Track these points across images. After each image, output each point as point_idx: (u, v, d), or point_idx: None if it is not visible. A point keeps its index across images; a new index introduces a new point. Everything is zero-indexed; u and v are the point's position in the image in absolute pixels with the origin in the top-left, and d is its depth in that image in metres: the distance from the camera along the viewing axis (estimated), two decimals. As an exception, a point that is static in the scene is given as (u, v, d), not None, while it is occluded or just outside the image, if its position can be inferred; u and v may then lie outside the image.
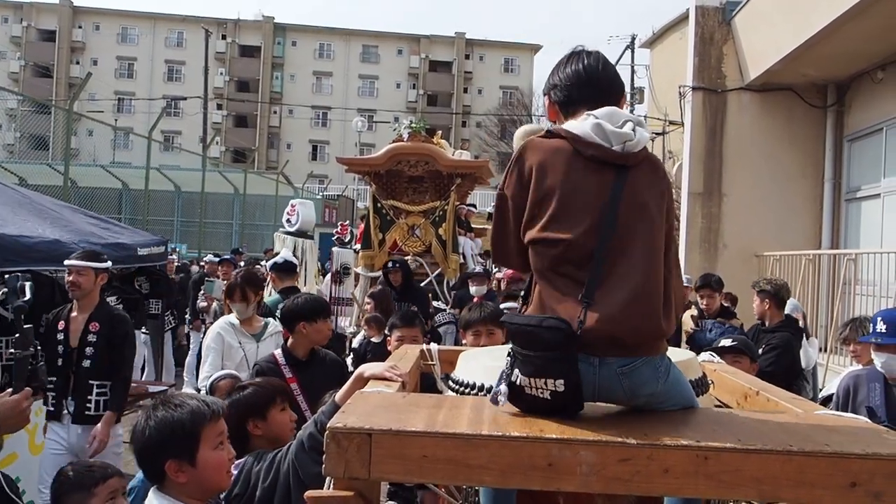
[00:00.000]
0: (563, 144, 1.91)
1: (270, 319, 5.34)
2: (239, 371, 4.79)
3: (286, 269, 6.51)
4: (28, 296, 2.82)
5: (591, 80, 2.02)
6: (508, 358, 1.85)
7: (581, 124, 1.91)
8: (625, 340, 1.79)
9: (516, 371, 1.80)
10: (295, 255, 8.31)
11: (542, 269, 1.90)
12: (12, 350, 2.68)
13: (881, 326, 3.70)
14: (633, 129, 1.89)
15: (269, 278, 7.47)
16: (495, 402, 1.82)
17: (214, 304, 8.48)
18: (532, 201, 1.90)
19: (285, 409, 3.06)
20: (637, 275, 1.83)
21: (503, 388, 1.81)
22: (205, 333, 6.15)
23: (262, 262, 11.89)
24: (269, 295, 6.94)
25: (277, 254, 8.55)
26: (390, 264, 8.58)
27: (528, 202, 1.92)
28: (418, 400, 1.98)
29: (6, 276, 3.02)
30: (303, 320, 4.13)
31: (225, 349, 4.91)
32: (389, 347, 3.75)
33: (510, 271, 9.17)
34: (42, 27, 58.51)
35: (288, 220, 8.77)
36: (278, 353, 4.29)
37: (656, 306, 1.84)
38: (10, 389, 2.64)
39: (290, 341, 4.27)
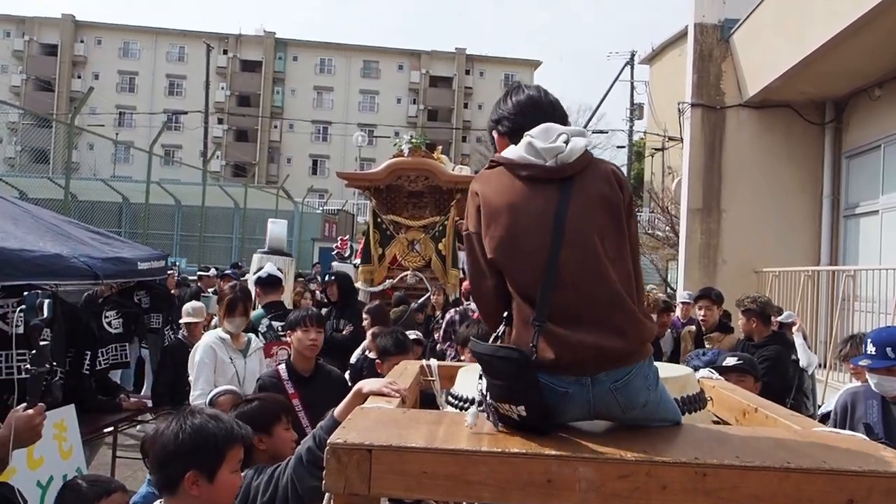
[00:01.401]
0: (501, 171, 1.94)
1: (252, 335, 5.32)
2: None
3: (270, 284, 6.50)
4: (46, 314, 2.84)
5: (533, 106, 2.05)
6: (480, 381, 1.87)
7: (516, 148, 1.93)
8: (607, 353, 1.79)
9: (488, 395, 1.83)
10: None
11: (512, 293, 1.89)
12: (28, 366, 2.70)
13: (871, 349, 3.67)
14: (567, 141, 1.88)
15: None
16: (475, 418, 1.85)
17: (214, 321, 8.48)
18: (485, 230, 1.91)
19: (289, 428, 3.08)
20: (602, 285, 1.82)
21: (472, 410, 1.85)
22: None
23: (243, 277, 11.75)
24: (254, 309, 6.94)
25: (250, 270, 8.63)
26: (327, 277, 8.39)
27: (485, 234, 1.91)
28: (418, 416, 1.99)
29: (24, 292, 3.03)
30: (290, 330, 4.26)
31: (218, 364, 4.85)
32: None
33: (468, 284, 9.13)
34: (44, 41, 58.78)
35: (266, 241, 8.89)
36: (282, 368, 4.30)
37: (629, 311, 1.83)
38: (24, 404, 2.65)
39: (292, 356, 4.29)
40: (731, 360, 4.13)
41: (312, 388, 4.14)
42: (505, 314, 1.91)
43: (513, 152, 1.93)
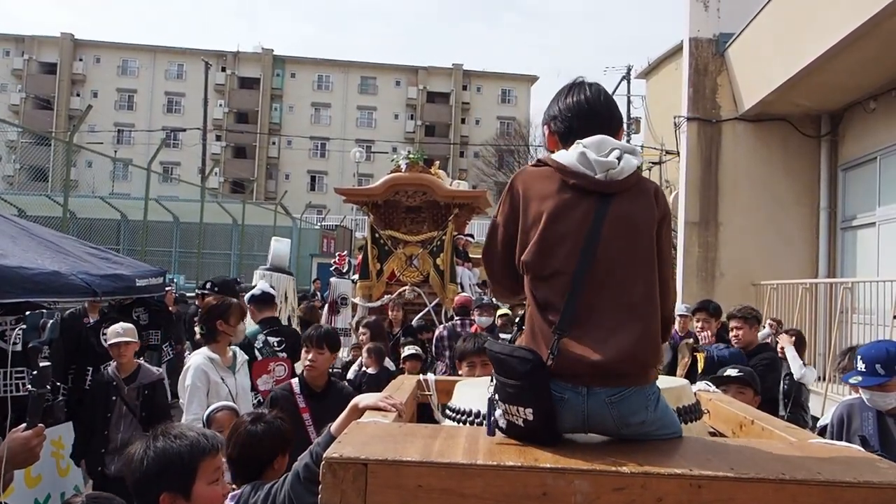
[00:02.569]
0: (550, 173, 1.95)
1: (236, 348, 5.26)
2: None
3: (264, 301, 6.48)
4: (47, 335, 2.83)
5: (591, 112, 2.04)
6: (492, 383, 1.89)
7: (568, 154, 1.94)
8: (607, 370, 1.80)
9: (497, 396, 1.85)
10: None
11: (531, 296, 1.93)
12: (29, 387, 2.69)
13: (861, 365, 3.65)
14: (619, 157, 1.91)
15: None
16: (492, 431, 1.85)
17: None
18: (522, 229, 1.94)
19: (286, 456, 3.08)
20: (621, 305, 1.84)
21: (497, 412, 1.85)
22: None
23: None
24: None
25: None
26: (207, 286, 7.87)
27: (518, 230, 1.95)
28: (414, 430, 1.99)
29: (27, 312, 3.03)
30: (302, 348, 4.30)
31: (211, 386, 4.74)
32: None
33: (459, 298, 9.19)
34: (43, 60, 58.96)
35: (268, 259, 8.85)
36: (295, 382, 4.31)
37: (642, 336, 1.84)
38: (24, 425, 2.65)
39: (305, 372, 4.28)
40: (732, 372, 4.12)
41: (324, 404, 4.12)
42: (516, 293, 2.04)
43: (564, 157, 1.94)
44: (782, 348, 6.43)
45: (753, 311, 5.98)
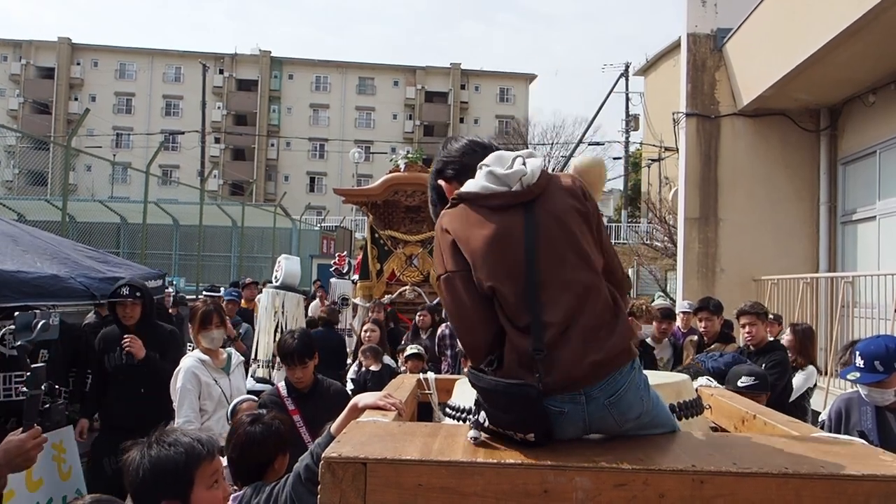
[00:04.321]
0: (464, 207, 1.92)
1: (231, 349, 5.25)
2: (219, 408, 4.72)
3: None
4: (36, 335, 2.82)
5: (476, 145, 2.10)
6: (475, 406, 1.86)
7: (476, 181, 1.93)
8: (596, 367, 1.79)
9: (485, 417, 1.82)
10: (276, 310, 8.26)
11: (504, 323, 1.86)
12: (24, 389, 2.67)
13: (859, 361, 3.61)
14: (524, 163, 1.90)
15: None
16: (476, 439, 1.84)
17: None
18: (477, 269, 1.86)
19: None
20: (581, 304, 1.81)
21: (472, 432, 1.82)
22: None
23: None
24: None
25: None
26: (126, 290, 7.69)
27: (470, 268, 1.88)
28: (414, 428, 1.98)
29: (16, 312, 3.01)
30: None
31: (203, 388, 4.74)
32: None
33: None
34: (41, 64, 58.97)
35: (275, 277, 8.79)
36: (281, 385, 4.30)
37: (607, 323, 1.83)
38: (20, 429, 2.63)
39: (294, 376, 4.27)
40: (746, 381, 4.06)
41: (312, 404, 4.13)
42: (493, 349, 1.86)
43: (473, 185, 1.93)
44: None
45: (764, 308, 5.96)
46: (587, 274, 1.85)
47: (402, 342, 8.57)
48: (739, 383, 4.02)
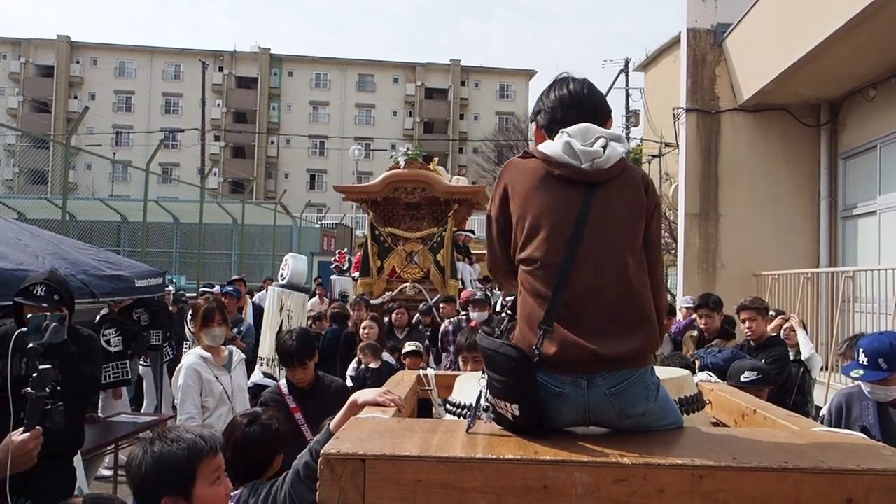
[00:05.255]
0: (536, 164, 1.94)
1: (232, 347, 5.25)
2: (220, 405, 4.73)
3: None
4: (46, 338, 2.82)
5: (575, 103, 2.03)
6: (484, 375, 1.89)
7: (553, 144, 1.93)
8: (606, 358, 1.79)
9: (488, 390, 1.84)
10: (283, 309, 8.24)
11: (522, 288, 1.92)
12: (29, 390, 2.68)
13: (862, 358, 3.59)
14: (605, 146, 1.89)
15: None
16: (469, 427, 1.85)
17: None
18: (512, 222, 1.95)
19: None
20: (610, 292, 1.83)
21: (483, 404, 1.85)
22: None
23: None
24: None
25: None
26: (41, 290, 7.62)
27: (510, 222, 1.95)
28: (413, 425, 1.98)
29: (28, 315, 3.00)
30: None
31: (204, 385, 4.75)
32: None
33: (466, 293, 9.27)
34: (40, 63, 58.91)
35: (281, 275, 8.76)
36: (283, 383, 4.30)
37: (633, 321, 1.84)
38: (21, 429, 2.64)
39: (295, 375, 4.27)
40: (749, 376, 4.05)
41: (314, 402, 4.14)
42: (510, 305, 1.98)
43: (549, 148, 1.93)
44: (792, 330, 6.39)
45: (764, 303, 5.96)
46: (623, 265, 1.86)
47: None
48: (742, 378, 4.00)
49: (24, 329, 2.94)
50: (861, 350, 3.65)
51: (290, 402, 4.16)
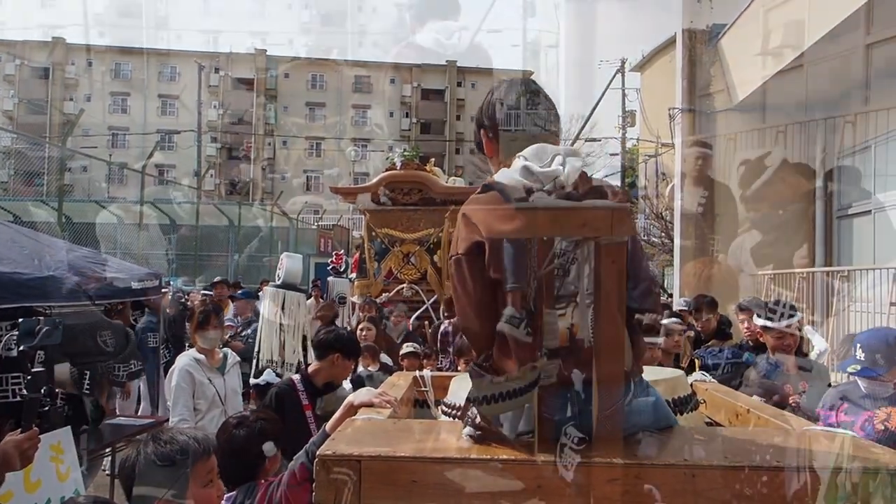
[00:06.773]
0: (496, 197, 1.88)
1: (227, 350, 5.26)
2: (212, 407, 4.74)
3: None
4: (38, 340, 2.83)
5: (518, 115, 2.09)
6: (473, 407, 1.81)
7: (509, 173, 1.89)
8: (597, 380, 1.76)
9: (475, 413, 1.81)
10: (282, 310, 8.24)
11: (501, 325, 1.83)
12: (24, 391, 2.69)
13: (860, 354, 3.57)
14: (563, 164, 1.85)
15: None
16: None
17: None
18: (490, 259, 1.87)
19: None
20: (598, 314, 1.77)
21: (468, 430, 1.82)
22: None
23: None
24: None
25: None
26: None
27: (484, 259, 1.88)
28: (408, 425, 1.99)
29: (20, 318, 3.02)
30: (339, 353, 4.14)
31: (196, 387, 4.76)
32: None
33: None
34: (35, 65, 58.78)
35: (277, 275, 8.73)
36: (297, 377, 4.27)
37: (619, 338, 1.79)
38: (19, 429, 2.65)
39: (311, 368, 4.25)
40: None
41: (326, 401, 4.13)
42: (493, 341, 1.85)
43: (507, 177, 1.88)
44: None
45: (762, 303, 5.96)
46: (609, 289, 1.79)
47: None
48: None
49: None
50: (858, 345, 3.63)
51: (303, 399, 4.14)
